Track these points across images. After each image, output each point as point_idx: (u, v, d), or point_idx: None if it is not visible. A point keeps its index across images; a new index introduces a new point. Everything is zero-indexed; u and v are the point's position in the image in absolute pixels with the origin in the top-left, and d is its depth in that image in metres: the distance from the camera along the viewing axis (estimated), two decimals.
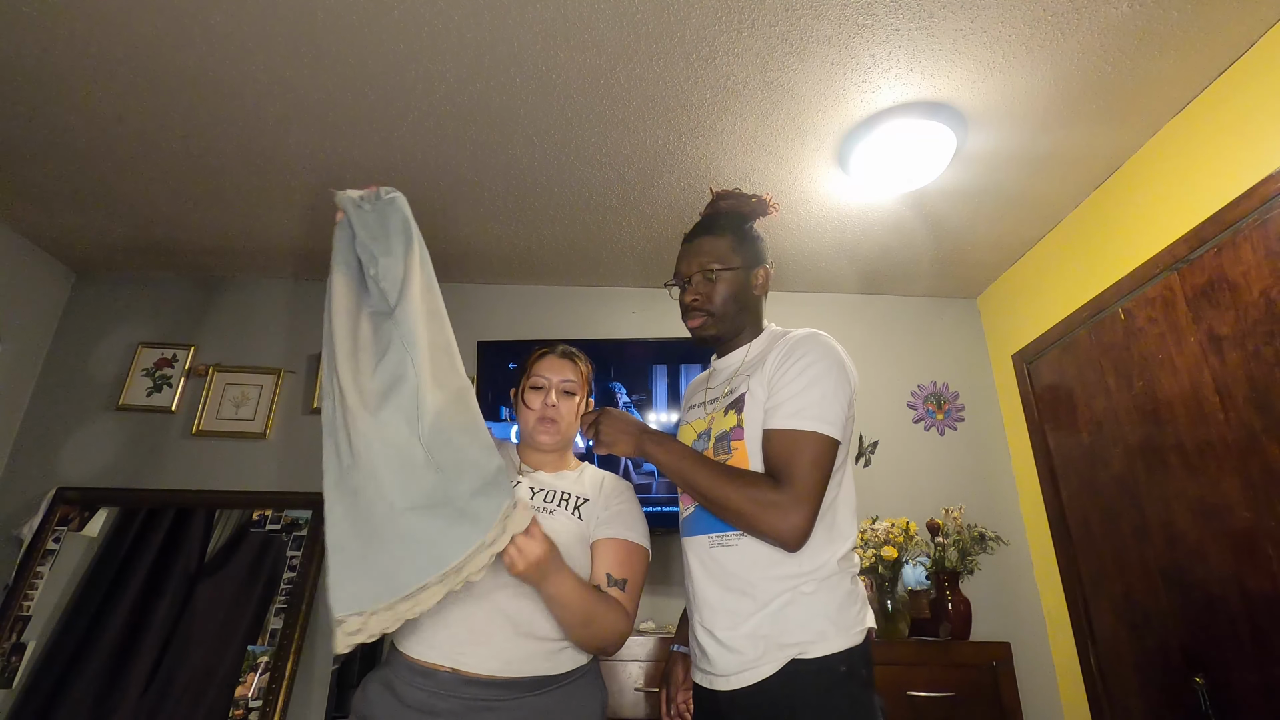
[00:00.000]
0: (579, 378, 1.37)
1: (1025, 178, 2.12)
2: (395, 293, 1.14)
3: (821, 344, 1.19)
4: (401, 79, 1.77)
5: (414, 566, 0.99)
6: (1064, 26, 1.58)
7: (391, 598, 0.98)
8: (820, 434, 1.09)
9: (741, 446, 1.17)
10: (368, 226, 1.16)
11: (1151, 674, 1.90)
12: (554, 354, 1.39)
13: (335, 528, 1.03)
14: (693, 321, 1.29)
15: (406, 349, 1.11)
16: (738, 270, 1.27)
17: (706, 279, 1.27)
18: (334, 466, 1.08)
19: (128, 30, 1.62)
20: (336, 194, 1.17)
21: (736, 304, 1.27)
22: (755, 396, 1.18)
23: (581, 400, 1.38)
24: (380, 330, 1.15)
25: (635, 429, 1.21)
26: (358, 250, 1.16)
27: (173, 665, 2.12)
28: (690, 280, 1.29)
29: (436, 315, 1.19)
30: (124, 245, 2.60)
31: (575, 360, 1.39)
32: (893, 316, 2.85)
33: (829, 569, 1.11)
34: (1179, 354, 1.81)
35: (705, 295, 1.27)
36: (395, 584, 0.99)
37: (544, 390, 1.34)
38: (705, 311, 1.27)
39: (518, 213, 2.36)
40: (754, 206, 1.34)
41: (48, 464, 2.46)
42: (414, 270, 1.15)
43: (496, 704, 1.10)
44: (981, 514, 2.41)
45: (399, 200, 1.17)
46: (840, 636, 1.07)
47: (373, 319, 1.16)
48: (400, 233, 1.16)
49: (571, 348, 1.42)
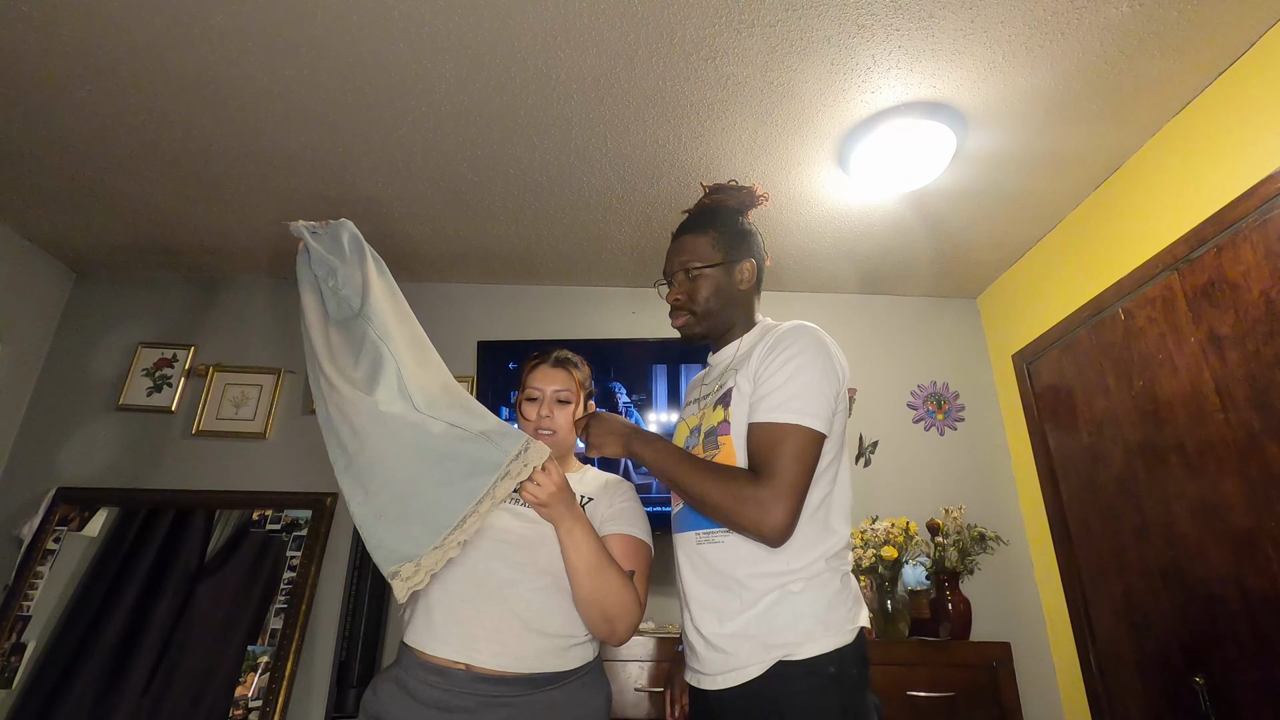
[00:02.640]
0: (574, 385, 1.38)
1: (1025, 178, 2.12)
2: (358, 296, 1.26)
3: (806, 335, 1.16)
4: (401, 79, 1.77)
5: (450, 506, 1.11)
6: (1064, 26, 1.58)
7: (438, 537, 1.10)
8: (802, 426, 1.07)
9: (728, 441, 1.15)
10: (322, 243, 1.30)
11: (1151, 674, 1.90)
12: (546, 363, 1.39)
13: (365, 505, 1.13)
14: (676, 321, 1.29)
15: (381, 340, 1.22)
16: (719, 266, 1.25)
17: (688, 277, 1.26)
18: (341, 456, 1.17)
19: (128, 30, 1.62)
20: (291, 225, 1.31)
21: (720, 300, 1.25)
22: (742, 391, 1.16)
23: (578, 406, 1.38)
24: (351, 330, 1.25)
25: (623, 430, 1.21)
26: (314, 268, 1.29)
27: (173, 665, 2.12)
28: (674, 279, 1.28)
29: (404, 316, 1.30)
30: (124, 245, 2.60)
31: (569, 368, 1.39)
32: (893, 316, 2.85)
33: (817, 568, 1.08)
34: (1179, 354, 1.81)
35: (687, 294, 1.26)
36: (438, 524, 1.11)
37: (538, 402, 1.35)
38: (688, 310, 1.26)
39: (518, 213, 2.36)
40: (740, 199, 1.31)
41: (48, 464, 2.46)
42: (371, 275, 1.28)
43: (510, 700, 1.12)
44: (981, 514, 2.41)
45: (348, 223, 1.33)
46: (829, 636, 1.05)
47: (340, 326, 1.27)
48: (353, 246, 1.30)
49: (566, 353, 1.42)
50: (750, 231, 1.31)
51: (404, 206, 2.33)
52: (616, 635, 1.20)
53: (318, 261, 1.28)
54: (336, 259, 1.28)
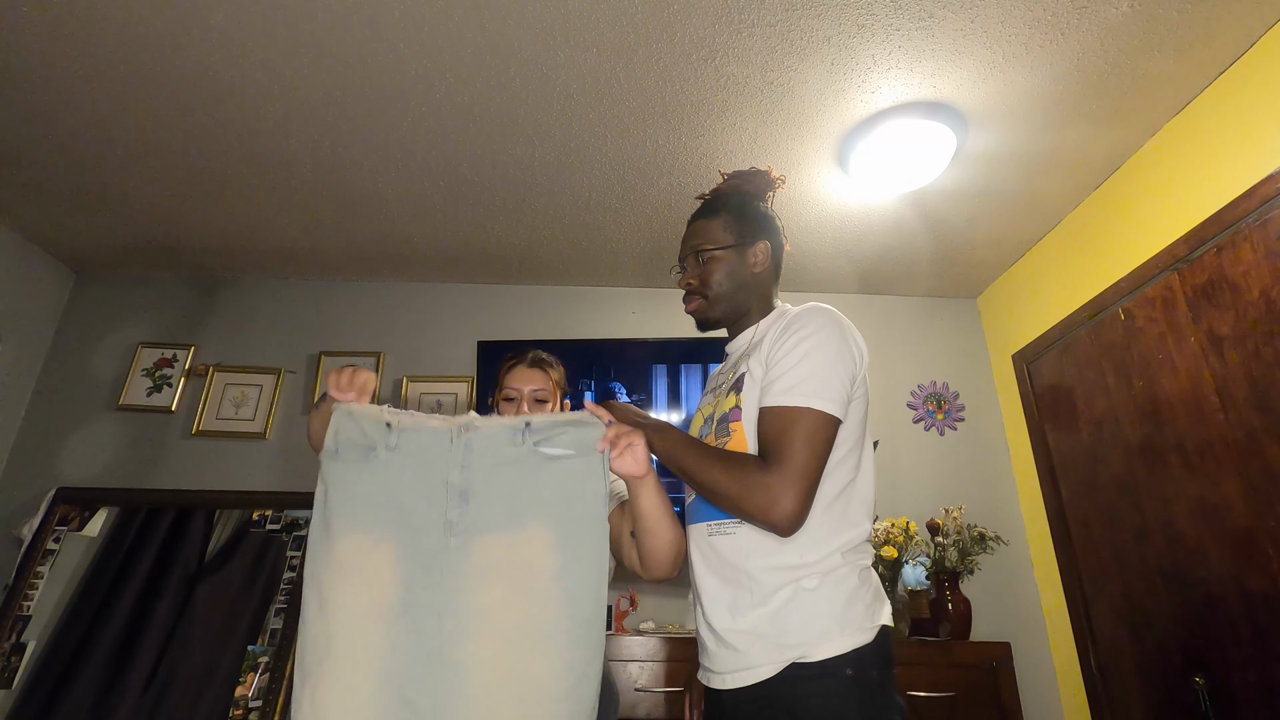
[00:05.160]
0: (550, 384, 1.40)
1: (1025, 178, 2.12)
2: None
3: (821, 315, 1.11)
4: (401, 79, 1.77)
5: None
6: (1064, 26, 1.58)
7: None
8: (814, 409, 1.01)
9: (739, 428, 1.11)
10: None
11: (1151, 674, 1.90)
12: (523, 364, 1.41)
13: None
14: (688, 305, 1.26)
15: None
16: (731, 249, 1.22)
17: (699, 261, 1.23)
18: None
19: (128, 30, 1.62)
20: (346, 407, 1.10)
21: (732, 283, 1.22)
22: (754, 376, 1.13)
23: (554, 406, 1.40)
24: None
25: (637, 420, 1.19)
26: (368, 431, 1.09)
27: (173, 665, 2.12)
28: (686, 264, 1.26)
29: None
30: (124, 245, 2.60)
31: (545, 368, 1.41)
32: (893, 316, 2.85)
33: (833, 561, 1.03)
34: (1179, 354, 1.81)
35: (698, 278, 1.23)
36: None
37: (516, 402, 1.37)
38: (699, 294, 1.24)
39: (518, 213, 2.36)
40: (757, 183, 1.28)
41: (48, 464, 2.46)
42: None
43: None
44: (981, 514, 2.41)
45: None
46: (846, 636, 0.99)
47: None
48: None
49: (542, 354, 1.44)
50: (766, 214, 1.27)
51: (404, 206, 2.33)
52: (679, 566, 1.20)
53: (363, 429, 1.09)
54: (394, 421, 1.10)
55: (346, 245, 2.56)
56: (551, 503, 1.05)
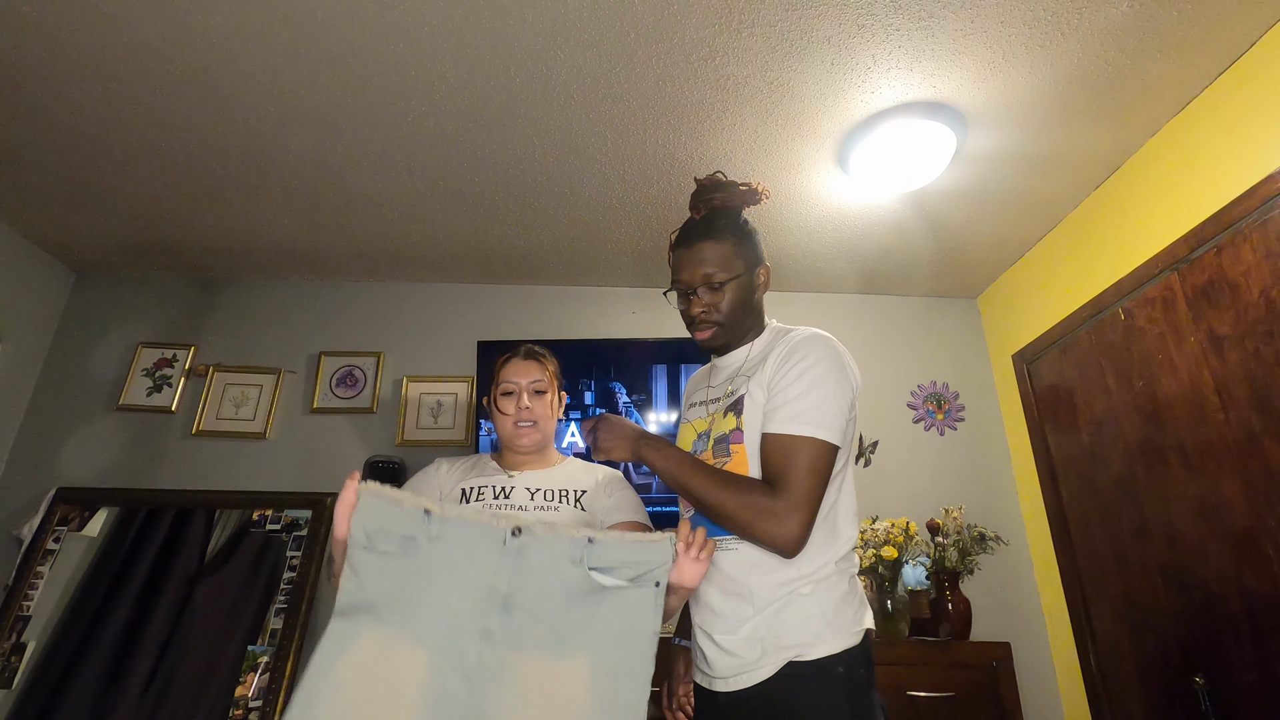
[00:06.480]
0: (547, 376, 1.41)
1: (1025, 178, 2.12)
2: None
3: (822, 345, 1.17)
4: (401, 79, 1.76)
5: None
6: (1064, 26, 1.58)
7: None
8: (818, 439, 1.08)
9: (741, 450, 1.16)
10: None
11: (1151, 674, 1.90)
12: (518, 357, 1.42)
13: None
14: (702, 334, 1.25)
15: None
16: (742, 276, 1.22)
17: (712, 289, 1.21)
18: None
19: (128, 30, 1.62)
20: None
21: (744, 310, 1.24)
22: (755, 399, 1.16)
23: (552, 396, 1.41)
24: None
25: (632, 435, 1.20)
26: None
27: (173, 665, 2.11)
28: (695, 290, 1.23)
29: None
30: (124, 245, 2.60)
31: (541, 360, 1.42)
32: (893, 316, 2.85)
33: (826, 571, 1.10)
34: (1179, 354, 1.81)
35: (713, 306, 1.22)
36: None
37: (515, 394, 1.37)
38: (715, 323, 1.23)
39: (518, 213, 2.36)
40: (745, 197, 1.27)
41: (48, 464, 2.46)
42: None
43: None
44: (981, 514, 2.41)
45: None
46: (837, 638, 1.06)
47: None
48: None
49: (535, 347, 1.45)
50: (756, 231, 1.29)
51: (404, 206, 2.32)
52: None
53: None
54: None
55: (346, 245, 2.56)
56: (601, 636, 0.95)
